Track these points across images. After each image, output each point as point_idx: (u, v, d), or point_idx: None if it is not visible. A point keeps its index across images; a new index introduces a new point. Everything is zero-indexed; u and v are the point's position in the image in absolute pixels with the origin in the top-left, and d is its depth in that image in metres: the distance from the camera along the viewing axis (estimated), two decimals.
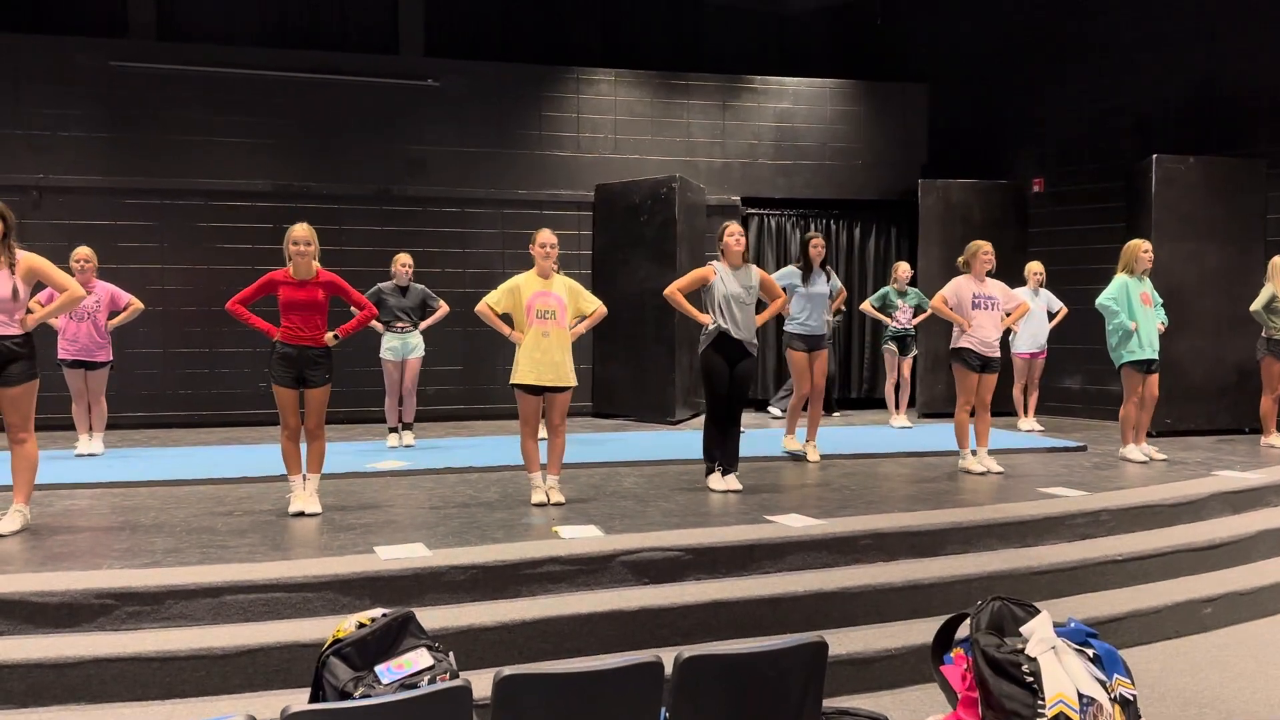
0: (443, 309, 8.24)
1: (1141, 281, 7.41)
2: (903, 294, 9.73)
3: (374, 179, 10.18)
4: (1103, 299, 7.35)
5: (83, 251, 7.53)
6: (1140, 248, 7.40)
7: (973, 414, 7.01)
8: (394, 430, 8.22)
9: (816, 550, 4.98)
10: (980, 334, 6.86)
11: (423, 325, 8.21)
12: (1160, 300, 7.65)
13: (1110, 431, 9.10)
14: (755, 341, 6.30)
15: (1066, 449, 8.13)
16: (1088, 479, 6.69)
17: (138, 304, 7.72)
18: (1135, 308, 7.30)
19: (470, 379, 10.41)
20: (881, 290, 9.93)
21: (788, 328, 7.58)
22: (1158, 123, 10.02)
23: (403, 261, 8.15)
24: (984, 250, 6.95)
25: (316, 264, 5.57)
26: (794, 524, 5.19)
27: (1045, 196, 10.91)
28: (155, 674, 3.74)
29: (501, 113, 10.51)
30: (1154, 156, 9.16)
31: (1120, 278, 7.39)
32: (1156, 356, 7.40)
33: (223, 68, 9.76)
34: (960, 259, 7.11)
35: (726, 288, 6.16)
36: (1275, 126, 9.39)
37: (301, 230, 5.51)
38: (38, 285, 5.23)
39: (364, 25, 10.76)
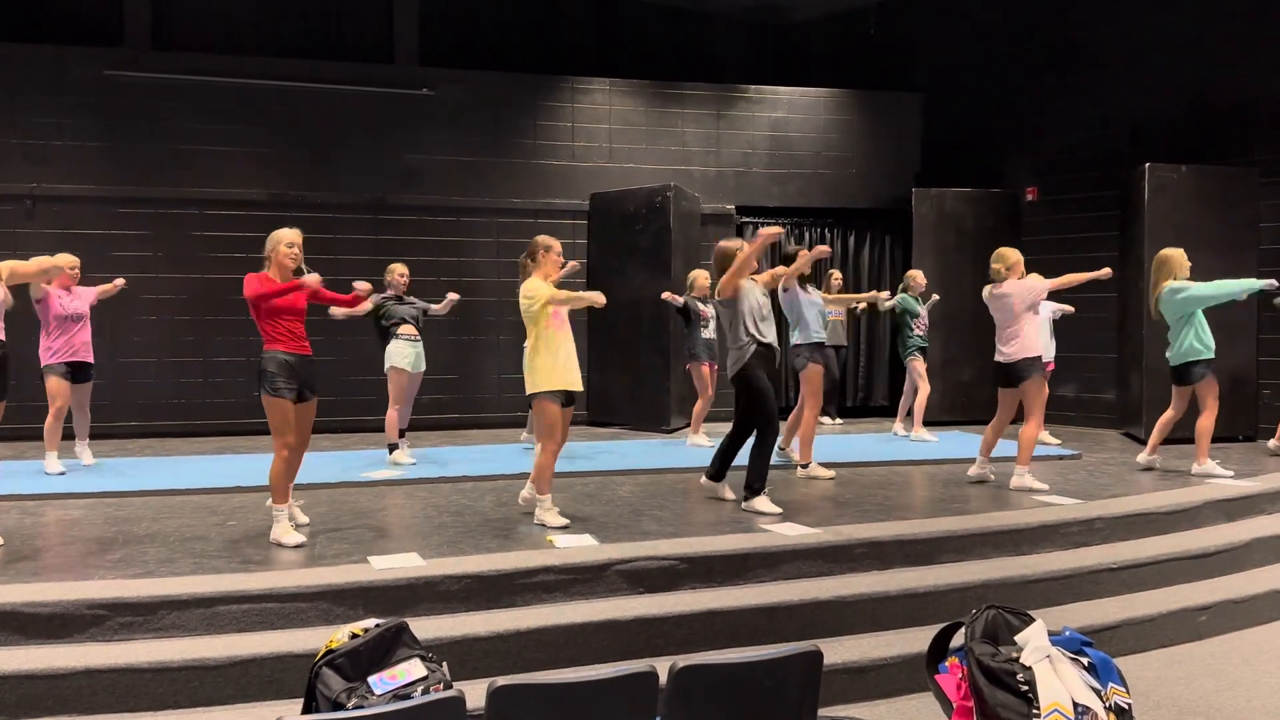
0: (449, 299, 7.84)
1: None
2: (919, 300, 9.58)
3: (368, 188, 10.18)
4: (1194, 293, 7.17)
5: (73, 259, 7.49)
6: (1184, 256, 7.32)
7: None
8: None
9: (811, 559, 4.98)
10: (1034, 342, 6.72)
11: (436, 309, 7.76)
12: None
13: (1106, 439, 9.12)
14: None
15: (1061, 457, 8.13)
16: (1082, 487, 6.70)
17: (118, 281, 7.62)
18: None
19: (465, 388, 10.40)
20: (901, 296, 9.67)
21: (797, 340, 7.29)
22: (1151, 131, 10.06)
23: (400, 271, 7.69)
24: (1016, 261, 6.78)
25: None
26: (789, 533, 5.19)
27: (1039, 205, 10.94)
28: (148, 685, 3.73)
29: (496, 122, 10.52)
30: (1147, 165, 9.18)
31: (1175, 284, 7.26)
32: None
33: (217, 77, 9.76)
34: (1003, 266, 6.73)
35: (754, 299, 6.04)
36: (1268, 136, 9.42)
37: (295, 233, 5.22)
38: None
39: (359, 34, 10.77)
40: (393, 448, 7.59)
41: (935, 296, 9.60)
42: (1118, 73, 10.30)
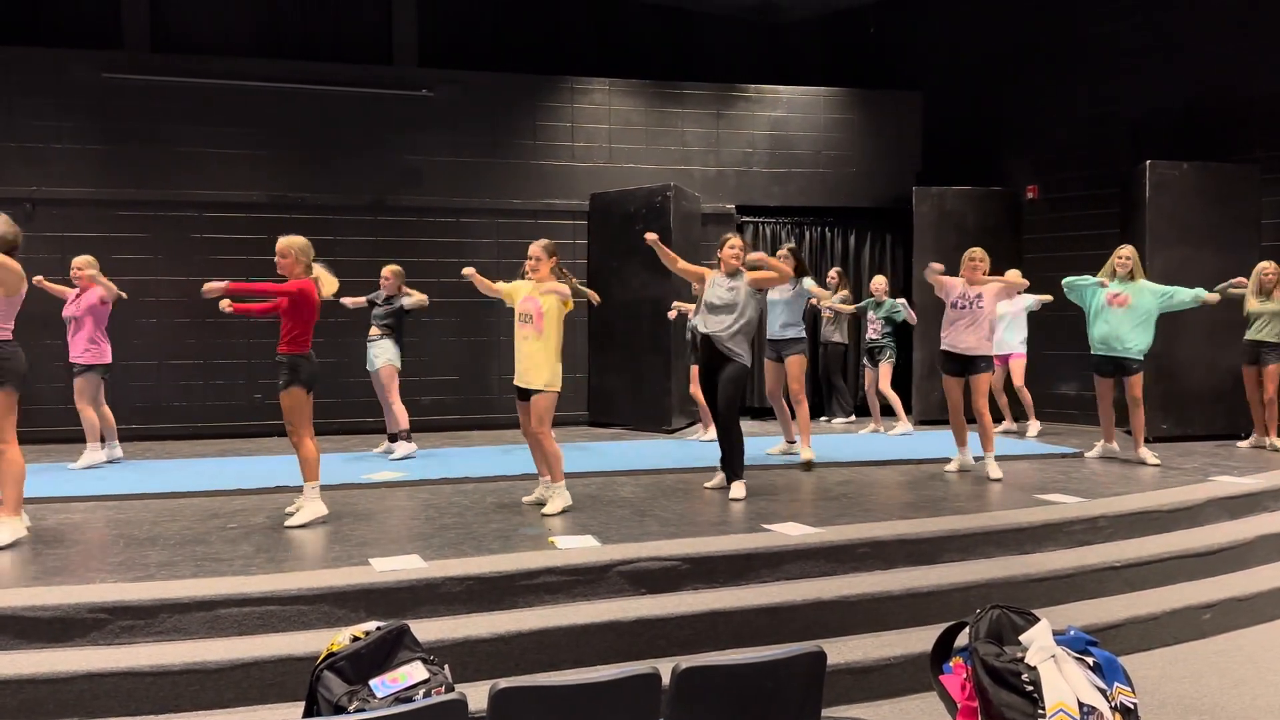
0: (414, 297, 8.12)
1: (1122, 285, 7.59)
2: (879, 305, 9.81)
3: (368, 189, 10.16)
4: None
5: (80, 260, 7.57)
6: (1119, 254, 7.73)
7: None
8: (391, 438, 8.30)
9: (814, 559, 4.96)
10: (953, 336, 7.11)
11: (408, 303, 8.05)
12: (1162, 291, 7.64)
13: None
14: (727, 340, 6.31)
15: (1063, 455, 8.12)
16: (1085, 485, 6.69)
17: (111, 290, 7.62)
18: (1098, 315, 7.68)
19: (467, 389, 10.39)
20: (865, 301, 10.07)
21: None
22: (1151, 129, 10.04)
23: (386, 272, 8.16)
24: (976, 258, 7.12)
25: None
26: (791, 532, 5.18)
27: (1039, 203, 10.93)
28: (149, 688, 3.72)
29: (495, 122, 10.52)
30: (1147, 162, 9.17)
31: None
32: (1123, 357, 7.60)
33: (216, 79, 9.75)
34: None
35: (708, 292, 6.40)
36: (1268, 132, 9.41)
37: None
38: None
39: (357, 36, 10.76)
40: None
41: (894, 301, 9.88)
42: (1118, 70, 10.29)
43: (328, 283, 5.68)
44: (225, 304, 5.80)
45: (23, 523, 5.16)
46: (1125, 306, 7.53)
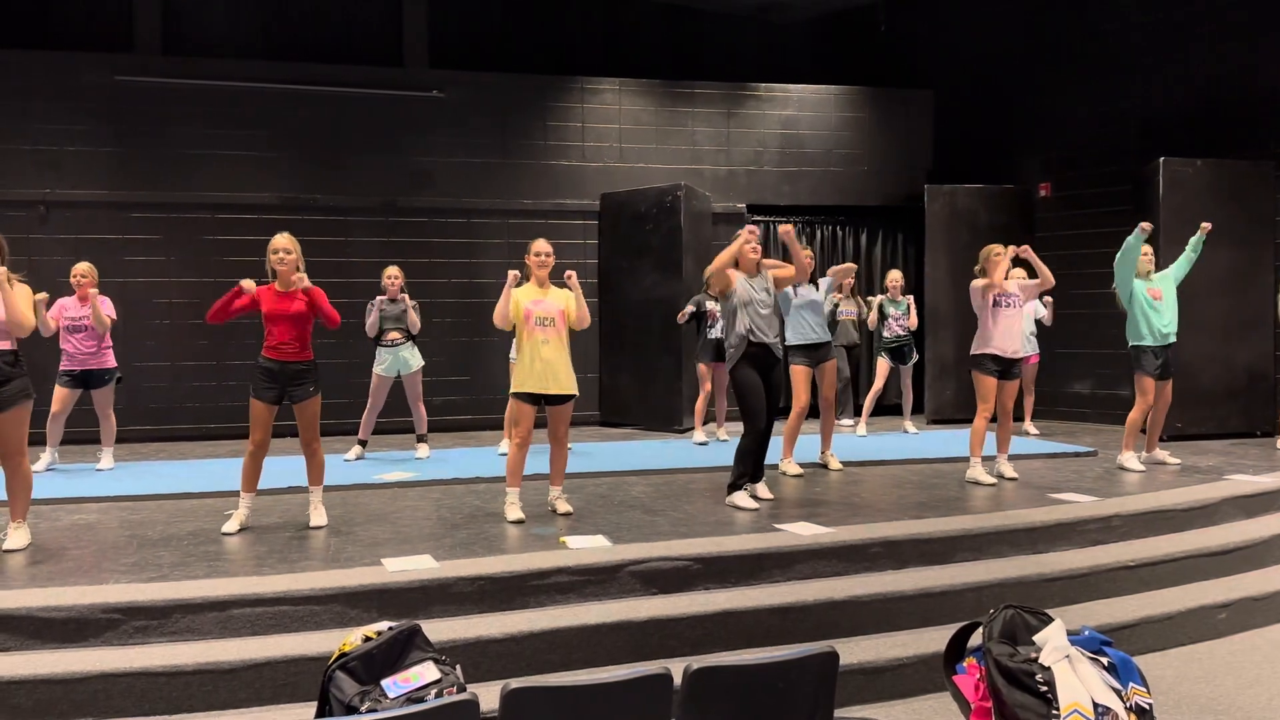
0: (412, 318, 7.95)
1: (1149, 281, 7.40)
2: (895, 303, 9.75)
3: (379, 191, 10.19)
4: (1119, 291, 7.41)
5: (79, 267, 7.49)
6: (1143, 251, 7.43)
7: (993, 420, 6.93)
8: (361, 443, 8.08)
9: (826, 558, 4.95)
10: (1001, 338, 6.71)
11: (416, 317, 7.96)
12: (1174, 274, 7.50)
13: (1122, 436, 9.06)
14: (780, 345, 6.22)
15: (1077, 454, 8.08)
16: (1099, 484, 6.65)
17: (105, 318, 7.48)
18: (1147, 307, 7.31)
19: (477, 389, 10.40)
20: (877, 301, 9.90)
21: (789, 340, 7.32)
22: (1165, 125, 9.98)
23: (390, 274, 7.94)
24: (995, 252, 6.84)
25: (301, 274, 5.44)
26: (803, 532, 5.16)
27: (1052, 201, 10.88)
28: (162, 689, 3.73)
29: (506, 123, 10.53)
30: (1161, 159, 9.12)
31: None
32: (1168, 344, 7.32)
33: (228, 81, 9.79)
34: (976, 267, 6.96)
35: (750, 296, 6.01)
36: None
37: (281, 239, 5.43)
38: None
39: (368, 38, 10.79)
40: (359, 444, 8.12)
41: (879, 299, 9.72)
42: (1130, 66, 10.24)
43: None
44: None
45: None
46: (1161, 300, 7.41)
